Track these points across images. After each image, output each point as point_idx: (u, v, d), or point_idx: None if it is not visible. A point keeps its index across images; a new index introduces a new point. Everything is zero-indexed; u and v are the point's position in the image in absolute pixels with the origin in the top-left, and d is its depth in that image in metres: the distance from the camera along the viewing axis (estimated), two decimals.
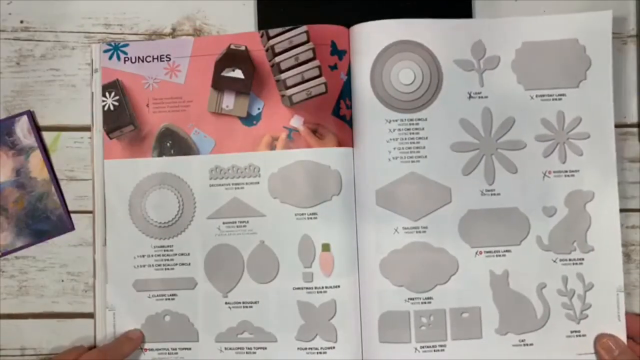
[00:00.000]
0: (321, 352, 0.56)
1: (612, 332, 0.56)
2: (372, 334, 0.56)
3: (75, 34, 0.60)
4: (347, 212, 0.57)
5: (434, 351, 0.55)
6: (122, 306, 0.57)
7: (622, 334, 0.56)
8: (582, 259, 0.57)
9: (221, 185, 0.57)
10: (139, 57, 0.58)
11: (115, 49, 0.58)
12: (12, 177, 0.59)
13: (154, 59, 0.58)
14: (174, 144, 0.58)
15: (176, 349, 0.57)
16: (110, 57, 0.58)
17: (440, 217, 0.56)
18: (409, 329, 0.55)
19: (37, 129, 0.59)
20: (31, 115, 0.59)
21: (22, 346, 0.59)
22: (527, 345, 0.56)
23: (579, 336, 0.56)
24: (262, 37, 0.57)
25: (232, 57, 0.57)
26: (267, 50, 0.57)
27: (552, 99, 0.57)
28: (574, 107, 0.57)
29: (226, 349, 0.56)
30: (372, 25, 0.57)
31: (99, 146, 0.58)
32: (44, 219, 0.59)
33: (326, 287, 0.56)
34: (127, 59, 0.58)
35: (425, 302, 0.56)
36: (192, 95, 0.58)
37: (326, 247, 0.56)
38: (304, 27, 0.56)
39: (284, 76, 0.56)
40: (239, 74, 0.57)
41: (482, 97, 0.57)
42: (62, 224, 0.59)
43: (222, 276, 0.57)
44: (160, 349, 0.57)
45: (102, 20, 0.60)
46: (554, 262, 0.57)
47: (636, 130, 0.59)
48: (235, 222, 0.57)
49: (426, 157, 0.56)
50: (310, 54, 0.56)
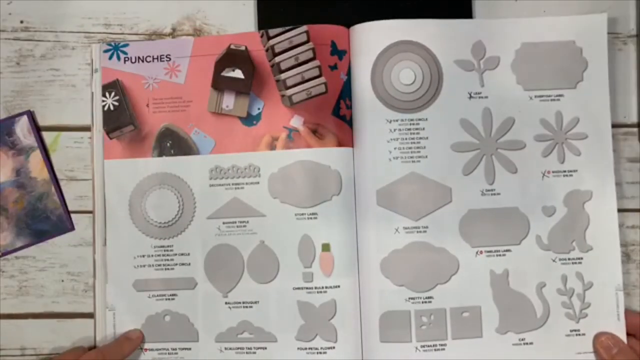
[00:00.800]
0: (321, 352, 0.56)
1: (611, 331, 0.56)
2: (372, 334, 0.56)
3: (75, 34, 0.60)
4: (347, 212, 0.57)
5: (435, 350, 0.56)
6: (122, 306, 0.57)
7: (621, 333, 0.56)
8: (581, 258, 0.57)
9: (221, 185, 0.57)
10: (139, 57, 0.58)
11: (115, 49, 0.58)
12: (12, 177, 0.59)
13: (154, 59, 0.58)
14: (174, 144, 0.58)
15: (176, 349, 0.57)
16: (110, 57, 0.58)
17: (440, 217, 0.56)
18: (409, 329, 0.56)
19: (37, 129, 0.59)
20: (31, 115, 0.59)
21: (22, 346, 0.59)
22: (526, 344, 0.56)
23: (579, 335, 0.56)
24: (262, 37, 0.58)
25: (232, 57, 0.57)
26: (267, 50, 0.57)
27: (551, 100, 0.57)
28: (571, 107, 0.57)
29: (226, 349, 0.57)
30: (372, 25, 0.57)
31: (99, 146, 0.58)
32: (44, 219, 0.59)
33: (326, 287, 0.56)
34: (127, 59, 0.58)
35: (425, 302, 0.56)
36: (192, 95, 0.58)
37: (326, 247, 0.56)
38: (304, 27, 0.56)
39: (284, 76, 0.57)
40: (239, 74, 0.57)
41: (482, 97, 0.57)
42: (62, 224, 0.59)
43: (222, 276, 0.57)
44: (160, 349, 0.57)
45: (102, 20, 0.60)
46: (554, 261, 0.57)
47: (636, 130, 0.60)
48: (235, 222, 0.57)
49: (427, 157, 0.57)
50: (310, 54, 0.57)
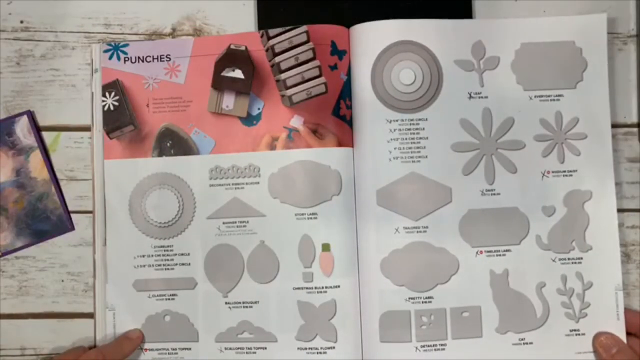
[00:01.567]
0: (321, 352, 0.56)
1: (611, 331, 0.56)
2: (372, 334, 0.56)
3: (75, 34, 0.60)
4: (347, 212, 0.57)
5: (435, 350, 0.56)
6: (122, 306, 0.58)
7: (621, 333, 0.56)
8: (581, 258, 0.57)
9: (221, 185, 0.58)
10: (139, 57, 0.59)
11: (115, 49, 0.59)
12: (12, 177, 0.59)
13: (154, 59, 0.59)
14: (174, 144, 0.58)
15: (176, 349, 0.57)
16: (110, 57, 0.59)
17: (440, 217, 0.57)
18: (409, 329, 0.56)
19: (37, 129, 0.60)
20: (31, 115, 0.60)
21: (22, 346, 0.59)
22: (526, 344, 0.56)
23: (578, 335, 0.57)
24: (262, 37, 0.58)
25: (232, 57, 0.58)
26: (267, 50, 0.58)
27: (550, 100, 0.58)
28: (571, 107, 0.58)
29: (226, 349, 0.57)
30: (372, 25, 0.57)
31: (98, 146, 0.59)
32: (44, 219, 0.59)
33: (326, 287, 0.57)
34: (127, 59, 0.59)
35: (425, 302, 0.56)
36: (192, 95, 0.58)
37: (326, 247, 0.57)
38: (304, 27, 0.57)
39: (284, 76, 0.57)
40: (239, 74, 0.58)
41: (482, 97, 0.58)
42: (62, 224, 0.59)
43: (222, 276, 0.58)
44: (160, 349, 0.57)
45: (102, 20, 0.60)
46: (553, 261, 0.57)
47: (636, 130, 0.60)
48: (235, 222, 0.58)
49: (427, 157, 0.57)
50: (310, 54, 0.57)
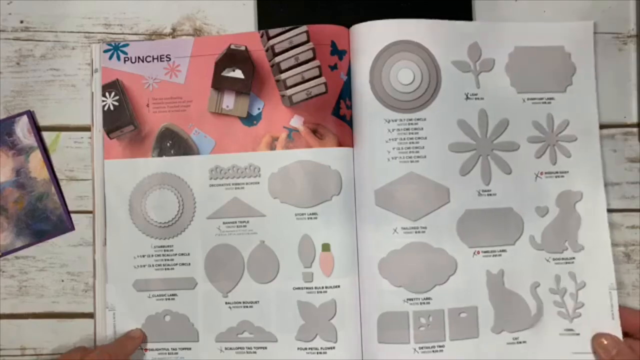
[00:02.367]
0: (321, 352, 0.57)
1: (606, 331, 0.57)
2: (371, 335, 0.57)
3: (75, 34, 0.61)
4: (347, 212, 0.58)
5: (433, 352, 0.56)
6: (122, 306, 0.58)
7: (616, 332, 0.57)
8: (574, 258, 0.58)
9: (221, 185, 0.58)
10: (139, 57, 0.59)
11: (115, 49, 0.59)
12: (12, 177, 0.60)
13: (154, 59, 0.59)
14: (174, 144, 0.59)
15: (176, 349, 0.58)
16: (110, 57, 0.59)
17: (439, 217, 0.57)
18: (407, 330, 0.56)
19: (37, 129, 0.60)
20: (31, 115, 0.60)
21: (22, 346, 0.60)
22: (520, 342, 0.57)
23: (573, 335, 0.57)
24: (262, 37, 0.58)
25: (232, 57, 0.58)
26: (267, 50, 0.58)
27: (542, 102, 0.59)
28: (562, 110, 0.59)
29: (226, 348, 0.58)
30: (372, 25, 0.58)
31: (98, 146, 0.59)
32: (44, 219, 0.60)
33: (326, 287, 0.57)
34: (127, 59, 0.59)
35: (424, 303, 0.57)
36: (192, 95, 0.59)
37: (326, 247, 0.57)
38: (304, 27, 0.57)
39: (284, 76, 0.58)
40: (239, 74, 0.58)
41: (478, 98, 0.59)
42: (62, 224, 0.60)
43: (222, 276, 0.58)
44: (160, 349, 0.58)
45: (102, 20, 0.61)
46: (547, 261, 0.58)
47: (636, 130, 0.61)
48: (235, 222, 0.58)
49: (425, 157, 0.57)
50: (310, 54, 0.57)
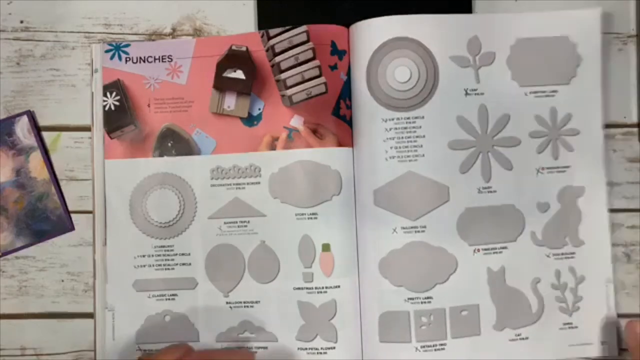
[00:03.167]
0: (321, 352, 0.57)
1: (601, 323, 0.59)
2: (372, 334, 0.57)
3: (75, 34, 0.61)
4: (347, 212, 0.58)
5: (435, 350, 0.57)
6: (122, 306, 0.59)
7: (611, 323, 0.59)
8: (574, 253, 0.59)
9: (222, 185, 0.59)
10: (141, 58, 0.60)
11: (116, 49, 0.60)
12: (12, 177, 0.60)
13: (155, 59, 0.60)
14: (175, 144, 0.59)
15: None
16: (111, 57, 0.60)
17: (438, 216, 0.58)
18: (409, 329, 0.57)
19: (37, 129, 0.61)
20: (31, 115, 0.61)
21: (22, 346, 0.60)
22: (522, 339, 0.58)
23: (571, 328, 0.59)
24: (262, 37, 0.59)
25: (234, 58, 0.59)
26: (267, 50, 0.59)
27: (545, 96, 0.59)
28: (565, 103, 0.59)
29: (227, 348, 0.58)
30: (369, 23, 0.58)
31: (99, 146, 0.60)
32: (44, 219, 0.60)
33: (326, 287, 0.58)
34: (128, 59, 0.60)
35: (425, 302, 0.57)
36: (194, 95, 0.60)
37: (326, 247, 0.58)
38: (304, 27, 0.58)
39: (284, 76, 0.58)
40: (240, 74, 0.59)
41: (478, 93, 0.59)
42: (62, 224, 0.61)
43: (223, 276, 0.59)
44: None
45: (102, 20, 0.61)
46: (547, 256, 0.59)
47: (636, 130, 0.61)
48: (236, 222, 0.59)
49: (424, 155, 0.58)
50: (310, 54, 0.58)
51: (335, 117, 0.59)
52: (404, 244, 0.57)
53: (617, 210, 0.61)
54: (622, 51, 0.62)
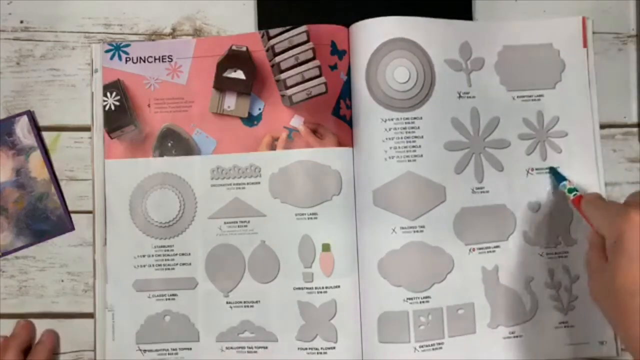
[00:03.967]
0: (321, 353, 0.58)
1: (598, 322, 0.60)
2: (371, 334, 0.58)
3: (75, 34, 0.62)
4: (347, 212, 0.59)
5: (433, 349, 0.58)
6: (122, 306, 0.59)
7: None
8: (567, 252, 0.60)
9: (222, 185, 0.60)
10: (141, 58, 0.60)
11: (116, 49, 0.61)
12: (12, 177, 0.61)
13: (155, 59, 0.60)
14: (175, 144, 0.60)
15: (176, 349, 0.59)
16: (111, 57, 0.60)
17: (436, 216, 0.58)
18: (408, 329, 0.57)
19: (37, 129, 0.61)
20: (31, 115, 0.61)
21: None
22: (516, 337, 0.59)
23: (567, 327, 0.60)
24: (262, 37, 0.60)
25: (234, 58, 0.59)
26: (267, 50, 0.60)
27: (532, 100, 0.61)
28: (552, 107, 0.61)
29: (227, 348, 0.59)
30: (368, 23, 0.59)
31: (99, 146, 0.60)
32: (44, 219, 0.61)
33: (326, 287, 0.58)
34: (128, 59, 0.60)
35: (423, 302, 0.58)
36: (194, 95, 0.60)
37: (326, 247, 0.58)
38: (304, 27, 0.58)
39: (284, 76, 0.59)
40: (240, 74, 0.59)
41: (470, 97, 0.60)
42: (62, 224, 0.61)
43: (223, 276, 0.59)
44: (160, 350, 0.59)
45: (102, 20, 0.62)
46: (541, 255, 0.60)
47: (636, 130, 0.62)
48: (236, 222, 0.59)
49: (422, 156, 0.58)
50: (310, 54, 0.59)
51: (335, 117, 0.60)
52: (403, 244, 0.58)
53: None
54: (622, 51, 0.63)
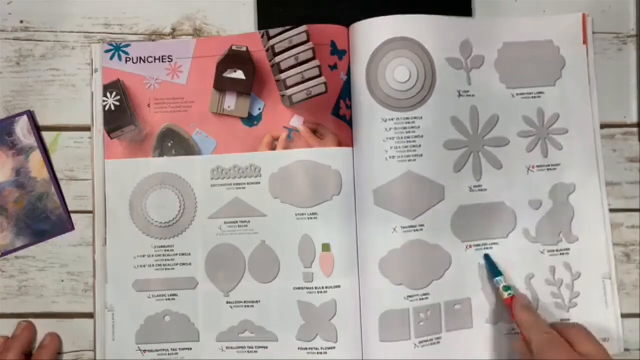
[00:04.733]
0: (322, 353, 0.58)
1: (600, 319, 0.60)
2: (372, 334, 0.58)
3: (75, 34, 0.63)
4: (347, 212, 0.59)
5: (431, 345, 0.58)
6: (122, 307, 0.60)
7: (611, 320, 0.60)
8: (569, 249, 0.61)
9: (223, 185, 0.60)
10: (141, 58, 0.61)
11: (116, 49, 0.61)
12: (12, 177, 0.61)
13: (155, 59, 0.61)
14: (175, 144, 0.60)
15: (176, 350, 0.60)
16: (111, 58, 0.61)
17: (435, 215, 0.59)
18: (408, 326, 0.58)
19: (37, 129, 0.62)
20: (31, 115, 0.62)
21: None
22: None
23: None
24: (262, 37, 0.60)
25: (234, 58, 0.60)
26: (267, 50, 0.60)
27: (532, 97, 0.61)
28: (552, 104, 0.61)
29: (227, 348, 0.59)
30: (368, 23, 0.59)
31: (99, 146, 0.61)
32: (44, 219, 0.61)
33: (326, 287, 0.59)
34: (128, 60, 0.61)
35: (423, 299, 0.58)
36: (194, 96, 0.61)
37: (326, 247, 0.59)
38: (304, 27, 0.59)
39: (284, 76, 0.59)
40: (240, 75, 0.60)
41: (469, 95, 0.61)
42: (62, 224, 0.62)
43: (223, 276, 0.60)
44: (160, 350, 0.60)
45: (102, 20, 0.63)
46: (542, 253, 0.61)
47: (636, 130, 0.62)
48: (236, 222, 0.60)
49: (422, 155, 0.59)
50: (310, 54, 0.59)
51: (335, 117, 0.60)
52: (403, 243, 0.59)
53: (617, 210, 0.62)
54: (622, 51, 0.63)
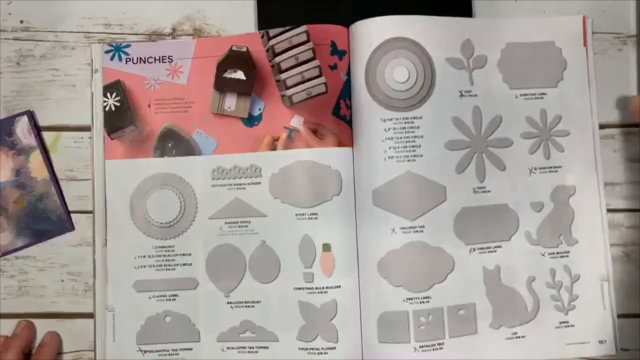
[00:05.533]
0: (322, 353, 0.59)
1: (597, 321, 0.60)
2: (371, 334, 0.59)
3: (75, 34, 0.63)
4: (347, 212, 0.60)
5: (433, 350, 0.58)
6: (122, 307, 0.60)
7: (607, 322, 0.60)
8: (568, 252, 0.61)
9: (223, 185, 0.60)
10: (141, 58, 0.61)
11: (117, 50, 0.61)
12: (12, 177, 0.62)
13: (155, 60, 0.61)
14: (175, 144, 0.61)
15: (177, 350, 0.60)
16: (112, 58, 0.61)
17: (436, 216, 0.59)
18: (407, 329, 0.58)
19: (37, 129, 0.62)
20: (31, 115, 0.62)
21: None
22: (519, 337, 0.59)
23: (568, 327, 0.60)
24: (262, 37, 0.61)
25: (234, 58, 0.60)
26: (267, 50, 0.60)
27: (535, 98, 0.62)
28: (554, 105, 0.62)
29: (228, 348, 0.60)
30: (368, 22, 0.60)
31: (99, 146, 0.61)
32: (44, 219, 0.62)
33: (327, 288, 0.59)
34: (128, 60, 0.61)
35: (423, 302, 0.59)
36: (195, 96, 0.61)
37: (327, 247, 0.59)
38: (304, 27, 0.59)
39: (284, 76, 0.60)
40: (240, 75, 0.60)
41: (472, 95, 0.61)
42: (62, 224, 0.62)
43: (223, 276, 0.60)
44: (160, 351, 0.60)
45: (102, 20, 0.63)
46: (542, 255, 0.61)
47: (636, 130, 0.63)
48: (237, 222, 0.60)
49: (422, 155, 0.59)
50: (310, 54, 0.59)
51: (335, 117, 0.61)
52: (402, 244, 0.59)
53: (616, 210, 0.62)
54: (622, 51, 0.63)
